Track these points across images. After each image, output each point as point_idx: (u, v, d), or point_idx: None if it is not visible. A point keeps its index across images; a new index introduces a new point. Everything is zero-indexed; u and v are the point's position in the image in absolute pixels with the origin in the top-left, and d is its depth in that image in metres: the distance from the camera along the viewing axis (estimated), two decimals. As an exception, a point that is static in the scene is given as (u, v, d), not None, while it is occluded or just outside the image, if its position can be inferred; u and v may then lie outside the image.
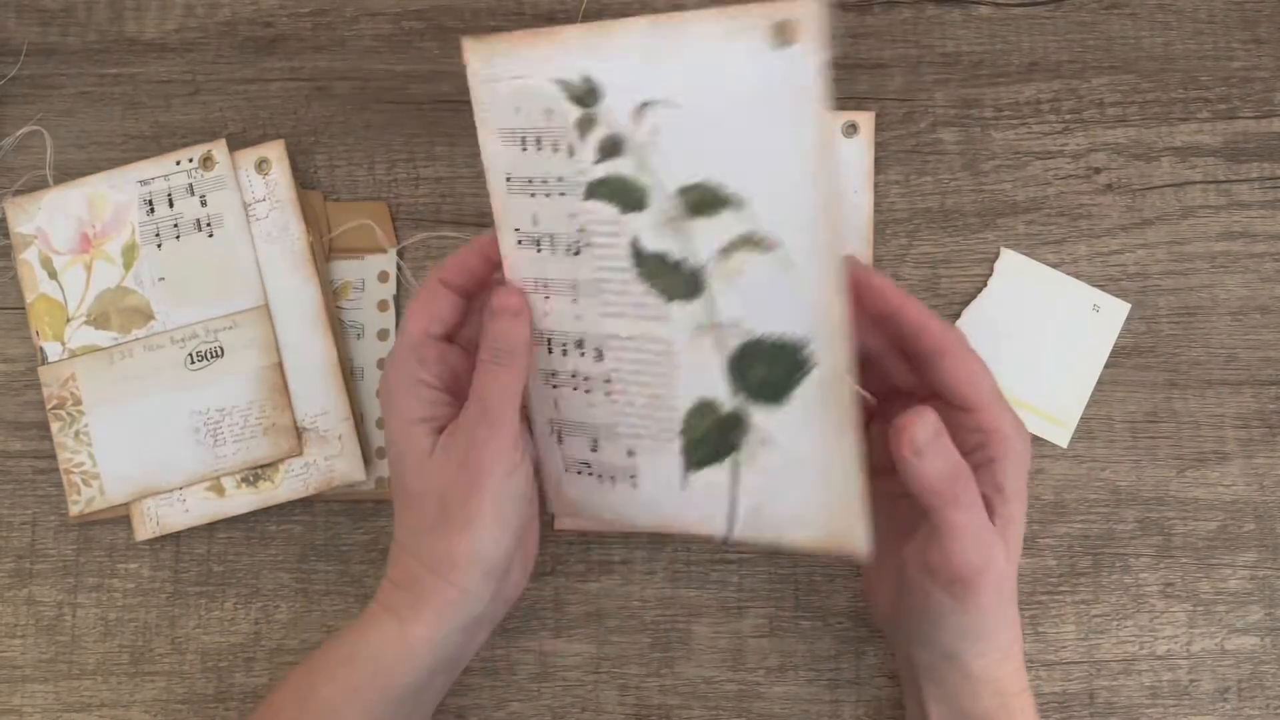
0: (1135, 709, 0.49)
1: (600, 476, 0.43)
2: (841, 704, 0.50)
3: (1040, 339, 0.51)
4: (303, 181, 0.54)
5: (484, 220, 0.54)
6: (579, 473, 0.43)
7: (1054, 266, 0.52)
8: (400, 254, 0.53)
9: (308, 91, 0.55)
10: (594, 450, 0.43)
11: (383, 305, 0.53)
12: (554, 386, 0.43)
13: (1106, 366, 0.51)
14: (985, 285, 0.52)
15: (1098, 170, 0.53)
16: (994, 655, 0.40)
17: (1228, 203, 0.52)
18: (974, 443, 0.39)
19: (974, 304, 0.52)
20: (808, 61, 0.35)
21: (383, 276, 0.53)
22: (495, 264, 0.42)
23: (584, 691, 0.50)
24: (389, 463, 0.45)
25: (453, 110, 0.54)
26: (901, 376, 0.42)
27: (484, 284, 0.43)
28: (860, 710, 0.50)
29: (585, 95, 0.39)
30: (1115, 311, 0.52)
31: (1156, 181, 0.53)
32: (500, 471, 0.40)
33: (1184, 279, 0.52)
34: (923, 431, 0.37)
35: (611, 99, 0.39)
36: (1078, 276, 0.52)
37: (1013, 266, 0.52)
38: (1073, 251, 0.52)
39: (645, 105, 0.38)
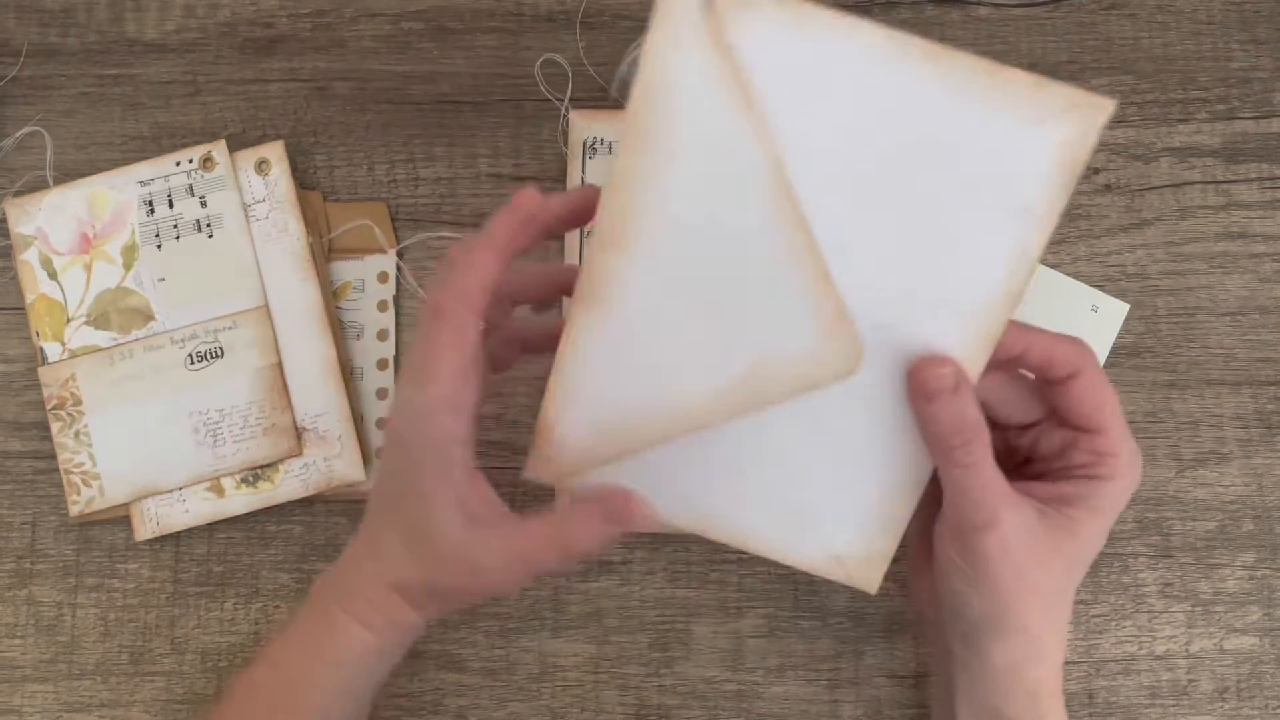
0: (1134, 709, 0.49)
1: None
2: (840, 704, 0.50)
3: (1039, 339, 0.51)
4: (302, 182, 0.54)
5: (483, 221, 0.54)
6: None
7: (1053, 267, 0.52)
8: (400, 255, 0.53)
9: (307, 92, 0.55)
10: None
11: (382, 305, 0.53)
12: None
13: (1105, 367, 0.51)
14: (984, 285, 0.52)
15: (1096, 170, 0.53)
16: (1021, 651, 0.38)
17: (1226, 203, 0.53)
18: (1087, 460, 0.38)
19: (973, 304, 0.52)
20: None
21: (382, 277, 0.53)
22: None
23: (584, 691, 0.50)
24: (395, 499, 0.41)
25: (453, 110, 0.54)
26: (1017, 415, 0.40)
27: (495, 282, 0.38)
28: (859, 710, 0.50)
29: None
30: (1114, 312, 0.52)
31: (1155, 182, 0.53)
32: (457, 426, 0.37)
33: (1183, 279, 0.52)
34: (935, 380, 0.36)
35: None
36: (1076, 277, 0.52)
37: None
38: (1071, 252, 0.52)
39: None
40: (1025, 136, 0.35)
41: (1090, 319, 0.52)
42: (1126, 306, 0.52)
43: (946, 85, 0.35)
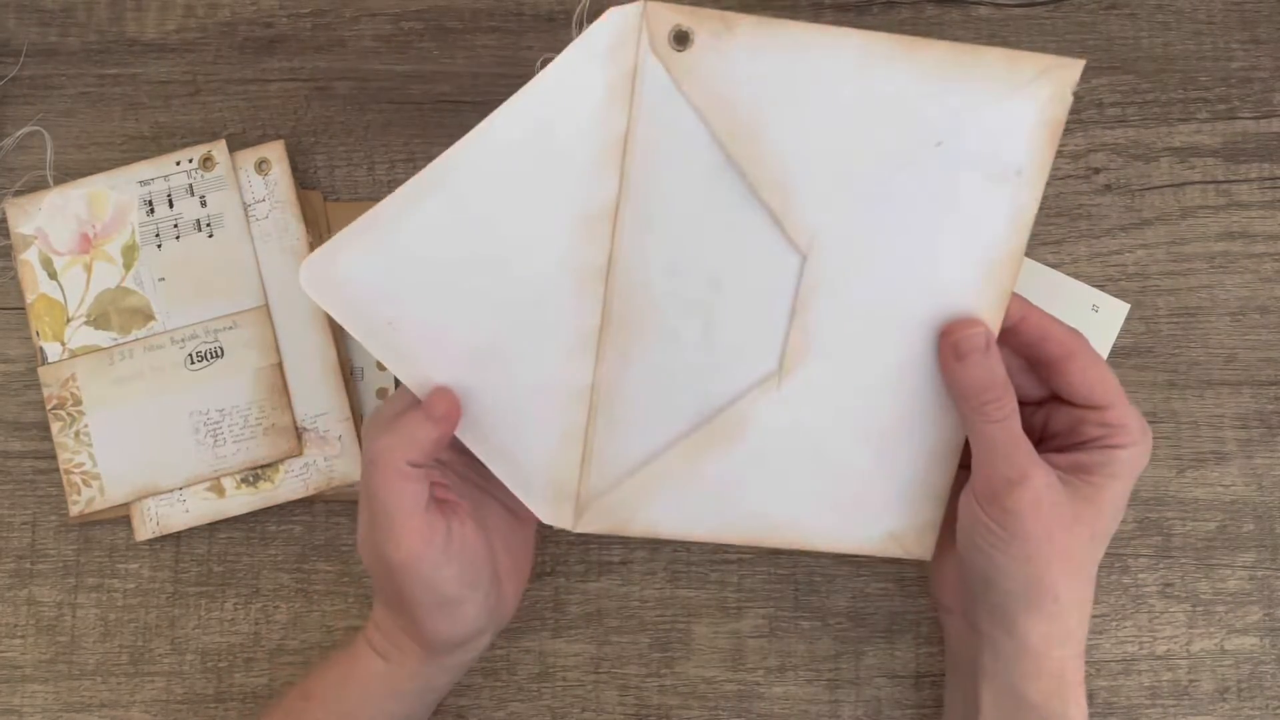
0: (1135, 709, 0.49)
1: None
2: (841, 704, 0.50)
3: (1039, 339, 0.51)
4: (302, 182, 0.54)
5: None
6: None
7: (1053, 267, 0.52)
8: (400, 254, 0.53)
9: (307, 92, 0.55)
10: None
11: (382, 305, 0.53)
12: None
13: (1106, 367, 0.52)
14: (984, 285, 0.52)
15: (1097, 170, 0.53)
16: (1051, 624, 0.39)
17: (1227, 203, 0.53)
18: (1099, 434, 0.39)
19: (973, 304, 0.52)
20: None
21: (382, 277, 0.53)
22: None
23: (584, 691, 0.50)
24: None
25: (453, 111, 0.54)
26: (1025, 388, 0.41)
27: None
28: (859, 710, 0.50)
29: None
30: (1114, 312, 0.52)
31: (1156, 182, 0.53)
32: (421, 575, 0.39)
33: (1183, 279, 0.52)
34: (967, 340, 0.38)
35: None
36: (1077, 277, 0.52)
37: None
38: (1072, 252, 0.52)
39: None
40: (1007, 107, 0.37)
41: (1090, 319, 0.52)
42: (1127, 306, 0.52)
43: (926, 74, 0.37)
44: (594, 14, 0.54)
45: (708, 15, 0.36)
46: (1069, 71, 0.37)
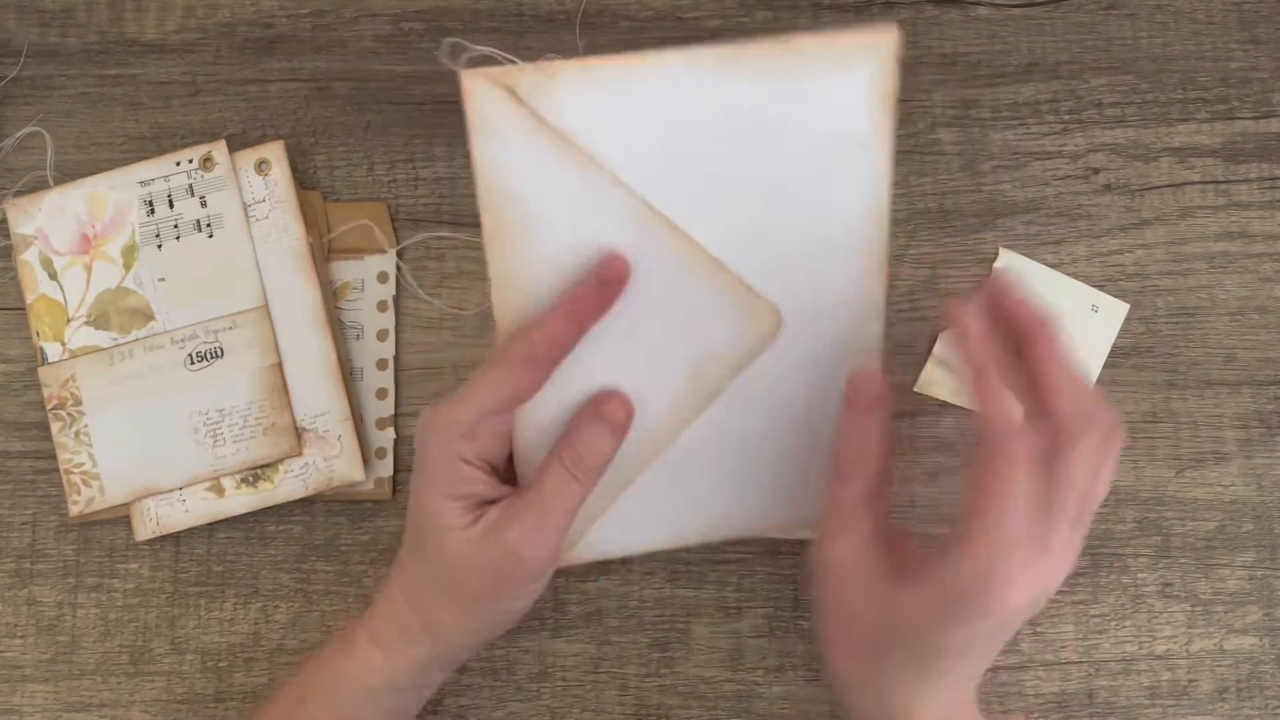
0: (1134, 709, 0.49)
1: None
2: (840, 704, 0.50)
3: (1039, 339, 0.52)
4: (302, 182, 0.54)
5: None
6: None
7: (1053, 267, 0.52)
8: (400, 255, 0.53)
9: (307, 92, 0.55)
10: None
11: (382, 306, 0.53)
12: None
13: (1105, 367, 0.52)
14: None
15: (1096, 171, 0.53)
16: (839, 693, 0.40)
17: (1226, 203, 0.53)
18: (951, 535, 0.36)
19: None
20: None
21: (382, 277, 0.53)
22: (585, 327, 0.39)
23: (583, 691, 0.50)
24: (408, 514, 0.42)
25: (453, 110, 0.54)
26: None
27: (568, 352, 0.39)
28: (859, 710, 0.50)
29: None
30: (1114, 312, 0.52)
31: (1155, 182, 0.53)
32: (535, 588, 0.41)
33: (1182, 279, 0.52)
34: (862, 394, 0.39)
35: None
36: (1076, 277, 0.52)
37: (1011, 267, 0.52)
38: (1071, 252, 0.52)
39: None
40: (836, 87, 0.38)
41: (1090, 319, 0.52)
42: (1126, 306, 0.52)
43: (753, 75, 0.38)
44: (593, 14, 0.54)
45: (525, 71, 0.37)
46: (885, 39, 0.37)
